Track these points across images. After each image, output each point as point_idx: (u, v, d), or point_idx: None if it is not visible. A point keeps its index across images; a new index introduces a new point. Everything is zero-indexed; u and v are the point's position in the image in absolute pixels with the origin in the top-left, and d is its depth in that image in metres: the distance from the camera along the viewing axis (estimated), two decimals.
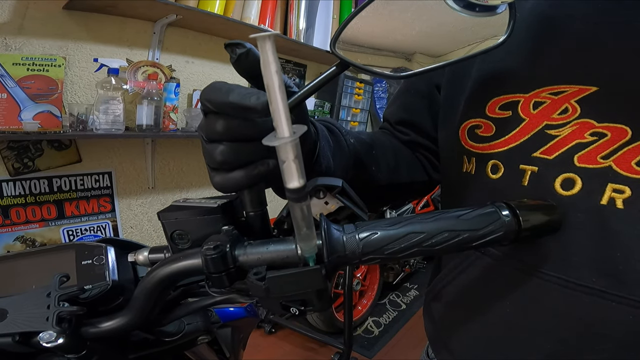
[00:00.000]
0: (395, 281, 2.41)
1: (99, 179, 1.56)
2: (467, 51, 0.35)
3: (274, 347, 1.88)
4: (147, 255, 0.35)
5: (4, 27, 1.24)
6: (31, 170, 1.37)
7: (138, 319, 0.33)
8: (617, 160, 0.33)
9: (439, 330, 0.51)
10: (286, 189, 0.21)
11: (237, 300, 0.35)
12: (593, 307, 0.34)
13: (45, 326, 0.30)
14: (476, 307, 0.44)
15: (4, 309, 0.32)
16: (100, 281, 0.36)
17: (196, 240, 0.32)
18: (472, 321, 0.45)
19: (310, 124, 0.39)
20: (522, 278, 0.38)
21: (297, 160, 0.20)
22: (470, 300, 0.45)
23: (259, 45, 0.19)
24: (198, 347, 0.49)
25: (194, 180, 1.90)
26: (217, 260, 0.27)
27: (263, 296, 0.26)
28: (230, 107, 0.26)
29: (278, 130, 0.20)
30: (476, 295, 0.44)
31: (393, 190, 0.53)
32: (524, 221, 0.29)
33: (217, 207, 0.31)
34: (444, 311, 0.50)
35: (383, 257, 0.27)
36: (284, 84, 0.20)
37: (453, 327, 0.48)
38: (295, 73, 2.28)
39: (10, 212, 1.35)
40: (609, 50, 0.34)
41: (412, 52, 0.39)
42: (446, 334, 0.49)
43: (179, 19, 1.50)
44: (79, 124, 1.33)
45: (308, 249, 0.26)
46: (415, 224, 0.27)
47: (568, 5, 0.37)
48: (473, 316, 0.44)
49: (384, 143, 0.52)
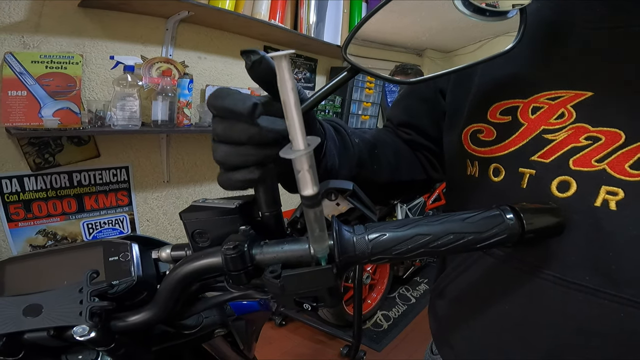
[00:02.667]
0: (405, 275, 2.42)
1: (116, 173, 1.60)
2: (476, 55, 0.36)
3: (284, 339, 1.92)
4: (170, 252, 0.37)
5: (21, 25, 1.27)
6: (52, 165, 1.41)
7: (162, 312, 0.35)
8: (611, 163, 0.34)
9: (442, 327, 0.53)
10: (301, 196, 0.23)
11: (253, 296, 0.37)
12: (587, 305, 0.35)
13: (78, 320, 0.31)
14: (477, 305, 0.45)
15: (39, 304, 0.33)
16: (127, 277, 0.37)
17: (215, 238, 0.34)
18: (473, 319, 0.46)
19: (318, 123, 0.40)
20: (521, 277, 0.40)
21: (311, 170, 0.22)
22: (471, 298, 0.46)
23: (276, 63, 0.21)
24: (214, 340, 0.51)
25: (207, 174, 1.94)
26: (236, 260, 0.28)
27: (278, 293, 0.28)
28: (224, 110, 0.28)
29: (294, 143, 0.22)
30: (477, 293, 0.45)
31: (393, 188, 0.55)
32: (528, 224, 0.30)
33: (235, 207, 0.33)
34: (447, 308, 0.51)
35: (391, 257, 0.29)
36: (299, 100, 0.22)
37: (455, 324, 0.49)
38: (306, 67, 2.29)
39: (32, 206, 1.40)
40: (606, 56, 0.35)
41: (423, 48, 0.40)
42: (449, 330, 0.51)
43: (191, 15, 1.51)
44: (97, 120, 1.37)
45: (320, 250, 0.27)
46: (422, 226, 0.29)
47: (569, 11, 0.38)
48: (474, 314, 0.46)
49: (385, 142, 0.54)
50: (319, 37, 2.02)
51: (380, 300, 2.18)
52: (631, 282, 0.33)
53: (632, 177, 0.33)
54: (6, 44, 1.25)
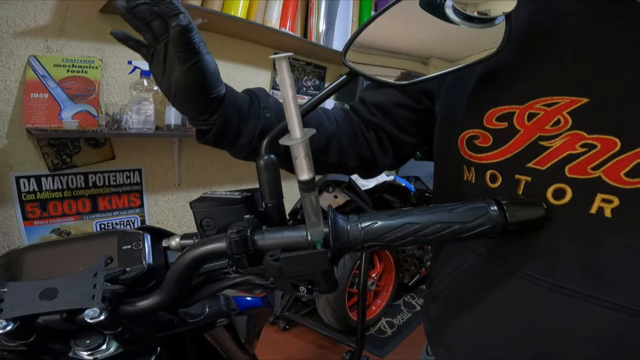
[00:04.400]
0: (410, 282, 2.41)
1: (130, 175, 1.64)
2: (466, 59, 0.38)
3: (287, 344, 1.93)
4: (179, 241, 0.40)
5: (45, 29, 1.32)
6: (69, 166, 1.46)
7: (168, 298, 0.36)
8: (606, 170, 0.34)
9: (436, 329, 0.53)
10: (298, 180, 0.26)
11: (253, 282, 0.39)
12: (579, 310, 0.36)
13: (90, 304, 0.33)
14: (471, 308, 0.46)
15: (54, 288, 0.34)
16: (138, 264, 0.40)
17: (221, 227, 0.37)
18: (467, 321, 0.47)
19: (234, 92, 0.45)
20: (512, 281, 0.40)
21: (307, 157, 0.25)
22: (465, 302, 0.47)
23: (277, 64, 0.24)
24: (216, 331, 0.53)
25: (217, 178, 1.98)
26: (239, 243, 0.31)
27: (276, 275, 0.31)
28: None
29: (292, 132, 0.25)
30: (471, 297, 0.46)
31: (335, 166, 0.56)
32: (511, 216, 0.32)
33: (240, 198, 0.36)
34: (441, 311, 0.52)
35: (382, 244, 0.31)
36: (296, 95, 0.24)
37: (449, 326, 0.50)
38: (316, 75, 2.33)
39: (48, 205, 1.45)
40: (601, 61, 0.35)
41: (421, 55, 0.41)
42: (442, 332, 0.51)
43: (205, 22, 1.57)
44: (114, 123, 1.42)
45: (316, 235, 0.30)
46: (412, 216, 0.31)
47: (564, 15, 0.38)
48: (468, 317, 0.46)
49: (322, 122, 0.54)
50: (329, 45, 2.06)
51: (384, 307, 2.18)
52: (624, 289, 0.34)
53: (628, 184, 0.33)
54: (30, 47, 1.31)
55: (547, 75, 0.38)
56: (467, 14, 0.34)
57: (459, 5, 0.35)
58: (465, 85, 0.45)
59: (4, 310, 0.32)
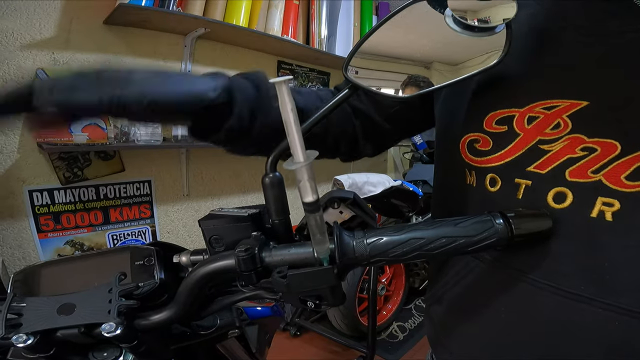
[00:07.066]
0: (421, 287, 2.39)
1: (139, 187, 1.67)
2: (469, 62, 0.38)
3: (298, 350, 1.93)
4: (189, 257, 0.41)
5: (51, 41, 1.34)
6: (80, 179, 1.49)
7: (181, 312, 0.37)
8: (607, 174, 0.34)
9: (439, 332, 0.53)
10: (302, 202, 0.26)
11: (262, 297, 0.40)
12: (582, 314, 0.36)
13: (107, 318, 0.34)
14: (473, 312, 0.46)
15: (72, 303, 0.36)
16: (150, 279, 0.41)
17: (230, 243, 0.37)
18: (469, 325, 0.47)
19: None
20: (515, 285, 0.40)
21: (311, 180, 0.25)
22: (468, 305, 0.47)
23: (277, 88, 0.24)
24: (228, 342, 0.54)
25: (225, 188, 1.99)
26: (248, 261, 0.32)
27: (284, 291, 0.31)
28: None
29: (295, 156, 0.25)
30: (474, 300, 0.46)
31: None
32: (516, 229, 0.32)
33: (247, 216, 0.37)
34: (444, 314, 0.52)
35: (388, 260, 0.31)
36: (298, 119, 0.25)
37: (452, 330, 0.50)
38: (319, 81, 2.34)
39: (61, 217, 1.48)
40: (600, 64, 0.35)
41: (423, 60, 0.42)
42: (446, 335, 0.51)
43: (207, 32, 1.59)
44: (122, 136, 1.45)
45: (322, 252, 0.30)
46: (417, 231, 0.31)
47: (564, 18, 0.38)
48: (470, 320, 0.46)
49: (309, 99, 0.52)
50: (331, 51, 2.07)
51: (395, 311, 2.16)
52: (626, 292, 0.34)
53: (628, 188, 0.33)
54: (37, 59, 1.33)
55: (546, 78, 0.38)
56: (467, 23, 0.34)
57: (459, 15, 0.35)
58: (465, 89, 0.45)
59: (24, 324, 0.34)
